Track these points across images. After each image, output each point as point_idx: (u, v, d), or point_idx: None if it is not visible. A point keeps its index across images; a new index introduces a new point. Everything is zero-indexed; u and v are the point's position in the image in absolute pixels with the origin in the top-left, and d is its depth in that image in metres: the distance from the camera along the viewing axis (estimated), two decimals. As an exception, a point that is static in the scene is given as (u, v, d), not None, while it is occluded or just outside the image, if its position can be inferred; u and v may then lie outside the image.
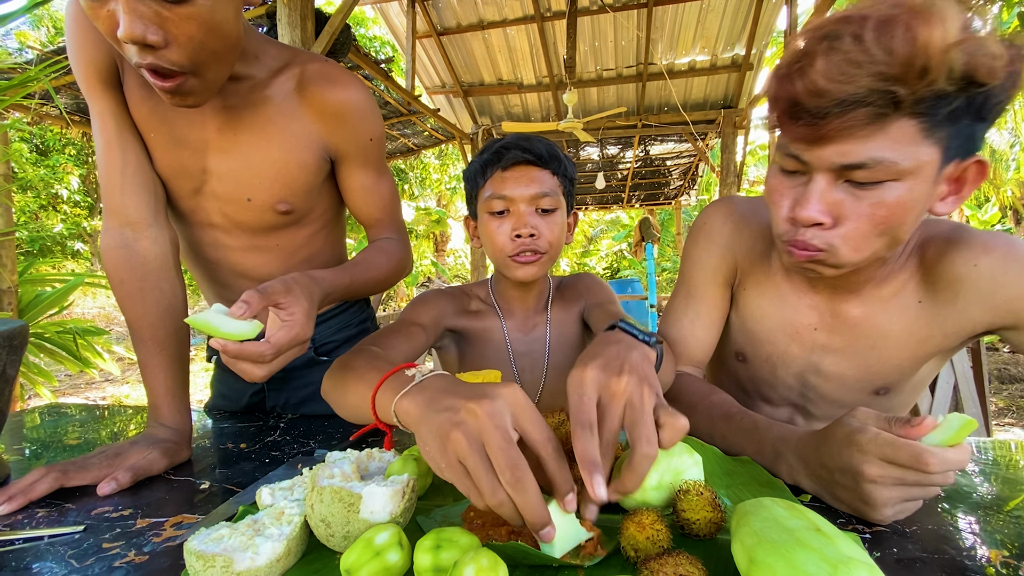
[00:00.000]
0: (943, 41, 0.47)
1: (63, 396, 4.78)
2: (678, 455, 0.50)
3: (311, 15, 2.78)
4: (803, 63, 0.53)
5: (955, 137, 0.53)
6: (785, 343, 0.78)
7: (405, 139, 6.15)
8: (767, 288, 0.78)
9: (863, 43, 0.49)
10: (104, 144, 0.73)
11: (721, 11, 4.80)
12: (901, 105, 0.50)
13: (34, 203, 9.46)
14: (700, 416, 0.72)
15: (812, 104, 0.52)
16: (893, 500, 0.48)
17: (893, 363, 0.71)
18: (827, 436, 0.53)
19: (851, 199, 0.56)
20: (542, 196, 0.89)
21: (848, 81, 0.50)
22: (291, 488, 0.52)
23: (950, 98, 0.50)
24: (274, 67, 0.78)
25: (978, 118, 0.53)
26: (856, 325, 0.72)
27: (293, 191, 0.82)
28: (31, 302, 3.49)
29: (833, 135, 0.53)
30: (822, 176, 0.56)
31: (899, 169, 0.53)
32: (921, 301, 0.68)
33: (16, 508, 0.58)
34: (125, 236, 0.75)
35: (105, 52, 0.71)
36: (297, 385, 1.00)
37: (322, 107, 0.79)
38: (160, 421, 0.74)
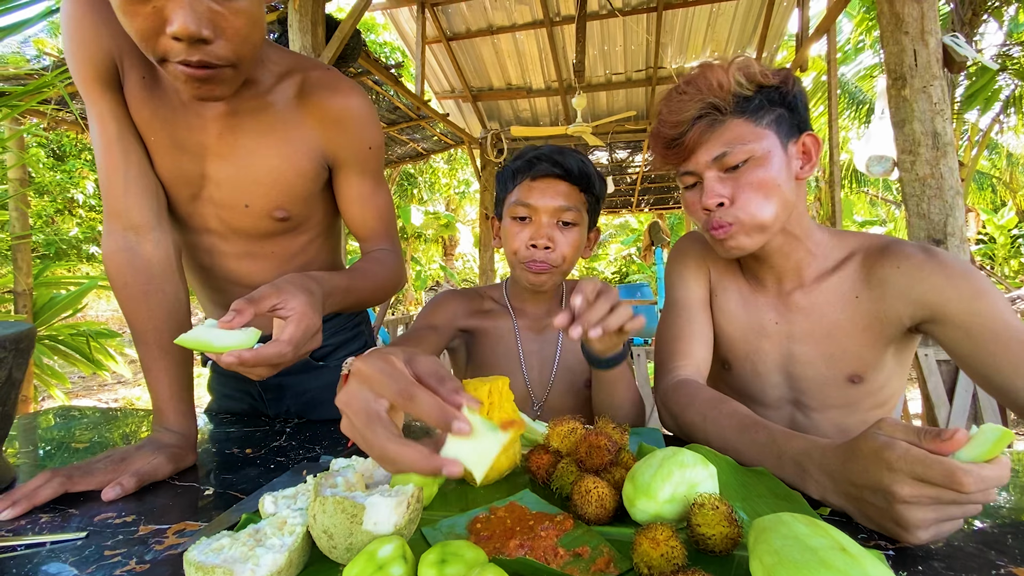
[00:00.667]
0: (723, 70, 0.75)
1: (76, 398, 4.84)
2: (692, 466, 0.48)
3: (322, 21, 2.80)
4: (659, 117, 0.80)
5: (779, 123, 0.76)
6: (756, 340, 0.89)
7: (414, 144, 6.17)
8: (733, 293, 0.92)
9: (682, 92, 0.77)
10: (104, 146, 0.72)
11: (731, 15, 4.78)
12: (724, 110, 0.75)
13: (51, 207, 9.61)
14: (711, 427, 0.70)
15: (673, 133, 0.78)
16: (929, 521, 0.45)
17: (852, 351, 0.82)
18: (853, 450, 0.51)
19: (734, 181, 0.76)
20: (564, 210, 0.92)
21: (685, 110, 0.76)
22: (295, 496, 0.51)
23: (753, 97, 0.75)
24: (277, 73, 0.77)
25: (786, 107, 0.76)
26: (808, 315, 0.85)
27: (291, 198, 0.81)
28: (45, 304, 3.54)
29: (695, 144, 0.77)
30: (708, 174, 0.77)
31: (749, 148, 0.74)
32: (858, 296, 0.82)
33: (20, 513, 0.57)
34: (128, 239, 0.74)
35: (105, 52, 0.69)
36: (295, 392, 0.99)
37: (323, 114, 0.79)
38: (165, 425, 0.73)
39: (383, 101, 4.78)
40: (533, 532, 0.45)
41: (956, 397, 1.76)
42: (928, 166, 2.02)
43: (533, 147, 0.96)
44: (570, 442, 0.59)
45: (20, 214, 3.16)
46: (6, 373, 0.63)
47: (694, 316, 0.91)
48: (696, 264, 0.94)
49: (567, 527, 0.48)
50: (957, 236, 2.02)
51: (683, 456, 0.49)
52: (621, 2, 4.74)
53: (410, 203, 11.92)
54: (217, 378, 1.04)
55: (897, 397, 0.89)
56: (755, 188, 0.75)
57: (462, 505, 0.55)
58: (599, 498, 0.49)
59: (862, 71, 7.90)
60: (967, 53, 2.05)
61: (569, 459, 0.57)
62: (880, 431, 0.49)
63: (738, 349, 0.91)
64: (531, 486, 0.61)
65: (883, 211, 11.59)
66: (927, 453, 0.44)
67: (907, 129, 2.06)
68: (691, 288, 0.93)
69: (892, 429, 0.48)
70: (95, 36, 0.68)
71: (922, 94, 2.01)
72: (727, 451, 0.66)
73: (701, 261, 0.95)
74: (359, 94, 0.82)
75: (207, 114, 0.74)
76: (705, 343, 0.90)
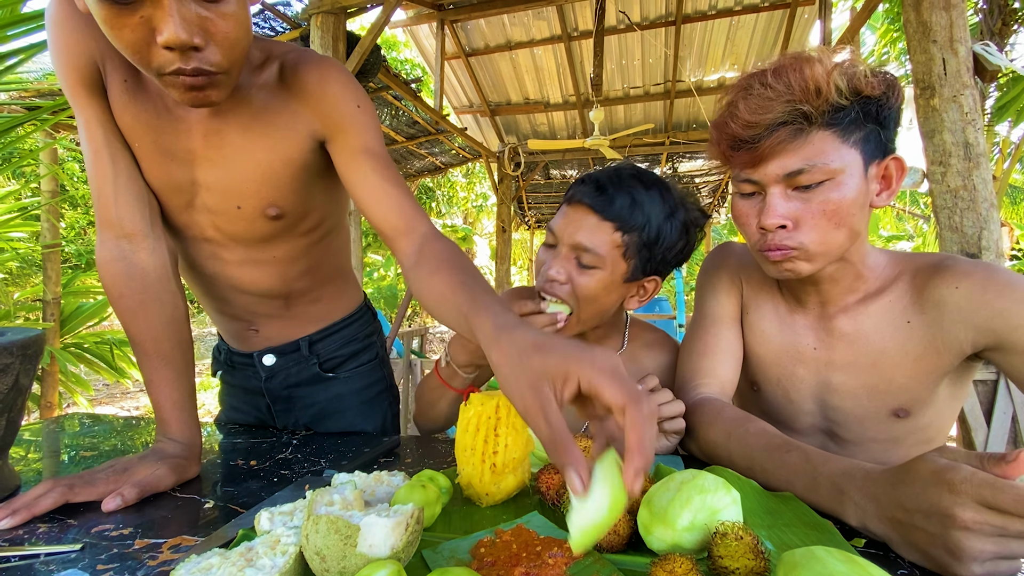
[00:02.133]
0: (824, 70, 0.64)
1: (99, 405, 4.93)
2: (713, 491, 0.44)
3: (343, 37, 2.85)
4: (731, 110, 0.69)
5: (867, 141, 0.66)
6: (791, 365, 0.82)
7: (433, 158, 6.24)
8: (767, 311, 0.85)
9: (768, 85, 0.66)
10: (93, 153, 0.71)
11: (751, 28, 4.74)
12: (813, 119, 0.65)
13: (83, 219, 9.94)
14: (736, 445, 0.65)
15: (747, 134, 0.67)
16: (987, 554, 0.41)
17: (899, 383, 0.74)
18: (908, 473, 0.46)
19: (802, 203, 0.68)
20: (583, 250, 0.79)
21: (767, 111, 0.65)
22: (291, 513, 0.49)
23: (848, 109, 0.65)
24: (253, 65, 0.74)
25: (879, 124, 0.66)
26: (852, 341, 0.77)
27: (281, 192, 0.77)
28: (72, 313, 3.63)
29: (770, 153, 0.67)
30: (774, 188, 0.68)
31: (831, 169, 0.65)
32: (910, 321, 0.74)
33: (19, 523, 0.56)
34: (122, 248, 0.73)
35: (87, 57, 0.68)
36: (304, 404, 0.97)
37: (302, 88, 0.74)
38: (169, 435, 0.72)
39: (402, 116, 4.85)
40: (540, 559, 0.42)
41: (994, 419, 1.66)
42: (960, 177, 1.94)
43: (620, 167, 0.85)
44: (582, 461, 0.55)
45: (51, 225, 3.25)
46: (13, 379, 0.62)
47: (723, 333, 0.85)
48: (729, 278, 0.88)
49: (577, 555, 0.44)
50: (992, 250, 1.93)
51: (704, 480, 0.45)
52: (639, 16, 4.75)
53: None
54: (226, 388, 1.03)
55: (944, 435, 0.81)
56: (825, 215, 0.66)
57: (466, 527, 0.52)
58: (612, 523, 0.46)
59: (887, 83, 7.75)
60: (999, 62, 1.98)
61: (581, 480, 0.53)
62: (940, 455, 0.45)
63: (769, 372, 0.84)
64: (540, 507, 0.57)
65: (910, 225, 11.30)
66: (996, 477, 0.40)
67: (937, 140, 1.99)
68: (722, 303, 0.87)
69: (953, 453, 0.44)
70: (77, 40, 0.67)
71: (952, 104, 1.94)
72: (753, 471, 0.62)
73: (735, 275, 0.88)
74: (334, 63, 0.77)
75: (191, 118, 0.72)
76: (733, 362, 0.84)
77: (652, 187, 0.82)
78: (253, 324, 0.92)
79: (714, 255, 0.93)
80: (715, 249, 0.94)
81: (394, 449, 0.82)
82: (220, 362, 1.01)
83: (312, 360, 0.95)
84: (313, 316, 0.94)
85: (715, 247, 0.95)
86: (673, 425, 0.73)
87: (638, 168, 0.85)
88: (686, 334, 0.90)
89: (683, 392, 0.82)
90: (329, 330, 0.96)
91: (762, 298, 0.85)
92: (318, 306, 0.94)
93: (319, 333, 0.95)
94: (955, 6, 1.96)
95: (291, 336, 0.93)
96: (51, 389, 3.30)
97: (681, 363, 0.87)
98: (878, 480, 0.50)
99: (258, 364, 0.94)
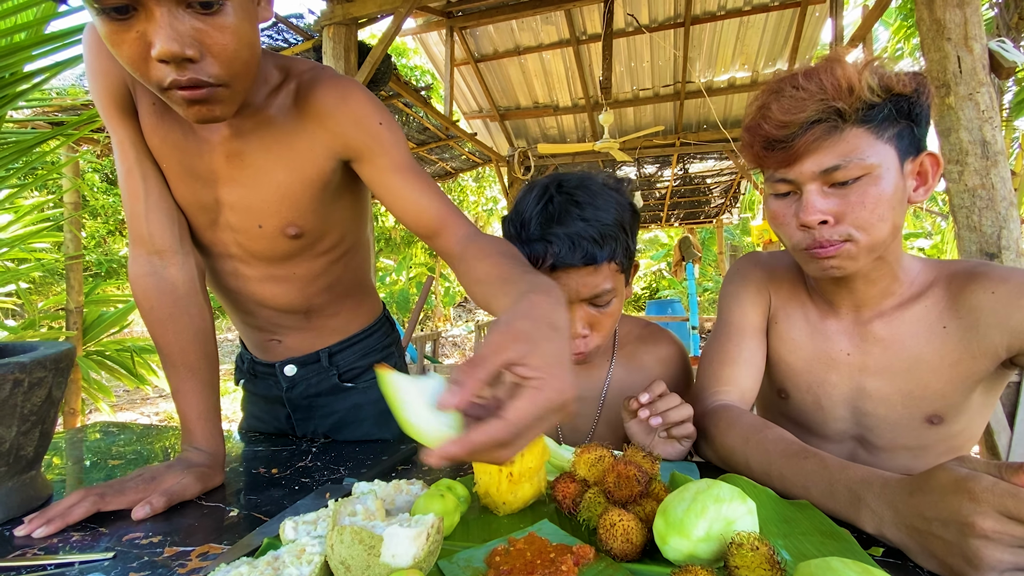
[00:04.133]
0: (855, 69, 0.65)
1: (120, 411, 5.03)
2: (728, 501, 0.45)
3: (354, 47, 2.89)
4: (763, 111, 0.69)
5: (901, 138, 0.67)
6: (823, 372, 0.81)
7: (443, 163, 6.28)
8: (797, 319, 0.84)
9: (800, 87, 0.67)
10: (125, 172, 0.74)
11: (761, 27, 4.71)
12: (847, 117, 0.65)
13: (103, 228, 10.17)
14: (754, 451, 0.66)
15: (780, 134, 0.67)
16: (1005, 564, 0.41)
17: (934, 388, 0.74)
18: (927, 481, 0.47)
19: (840, 199, 0.67)
20: (596, 296, 0.80)
21: (800, 110, 0.66)
22: (315, 523, 0.50)
23: (881, 105, 0.65)
24: (272, 85, 0.75)
25: (912, 120, 0.67)
26: (887, 347, 0.77)
27: (300, 212, 0.78)
28: (94, 321, 3.71)
29: (804, 151, 0.67)
30: (811, 186, 0.68)
31: (867, 164, 0.65)
32: (946, 327, 0.74)
33: (53, 531, 0.59)
34: (153, 264, 0.76)
35: (120, 81, 0.71)
36: (324, 414, 0.99)
37: (321, 109, 0.74)
38: (194, 445, 0.74)
39: (413, 123, 4.90)
40: (555, 566, 0.43)
41: (1017, 422, 1.63)
42: (978, 176, 1.91)
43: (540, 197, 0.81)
44: (598, 471, 0.56)
45: (73, 236, 3.34)
46: (46, 392, 0.65)
47: (745, 343, 0.84)
48: (756, 289, 0.87)
49: (588, 558, 0.45)
50: (1012, 249, 1.90)
51: (719, 490, 0.46)
52: (648, 18, 4.75)
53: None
54: (248, 396, 1.06)
55: (973, 443, 0.81)
56: (866, 208, 0.66)
57: (484, 535, 0.53)
58: (625, 532, 0.46)
59: (901, 79, 7.64)
60: (1015, 58, 1.94)
61: (596, 489, 0.54)
62: (960, 463, 0.45)
63: (799, 379, 0.84)
64: (557, 516, 0.58)
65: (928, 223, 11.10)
66: (1018, 487, 0.40)
67: (953, 138, 1.96)
68: (747, 313, 0.86)
69: (972, 463, 0.45)
70: (111, 65, 0.70)
71: (968, 101, 1.91)
72: (770, 478, 0.62)
73: (762, 286, 0.87)
74: (352, 82, 0.77)
75: (213, 139, 0.74)
76: (754, 373, 0.84)
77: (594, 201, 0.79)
78: (276, 335, 0.94)
79: (740, 264, 0.93)
80: (742, 258, 0.94)
81: (411, 457, 0.83)
82: (243, 371, 1.03)
83: (331, 371, 0.97)
84: (333, 328, 0.96)
85: (741, 256, 0.95)
86: (682, 430, 0.74)
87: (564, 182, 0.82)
88: (708, 341, 0.89)
89: (702, 398, 0.82)
90: (348, 342, 0.98)
91: (792, 307, 0.85)
92: (338, 319, 0.96)
93: (338, 345, 0.97)
94: (969, 3, 1.94)
95: (312, 347, 0.96)
96: (74, 396, 3.38)
97: (701, 370, 0.87)
98: (896, 488, 0.50)
99: (279, 374, 0.96)
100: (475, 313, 13.87)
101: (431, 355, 4.68)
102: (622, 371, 0.94)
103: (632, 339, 0.98)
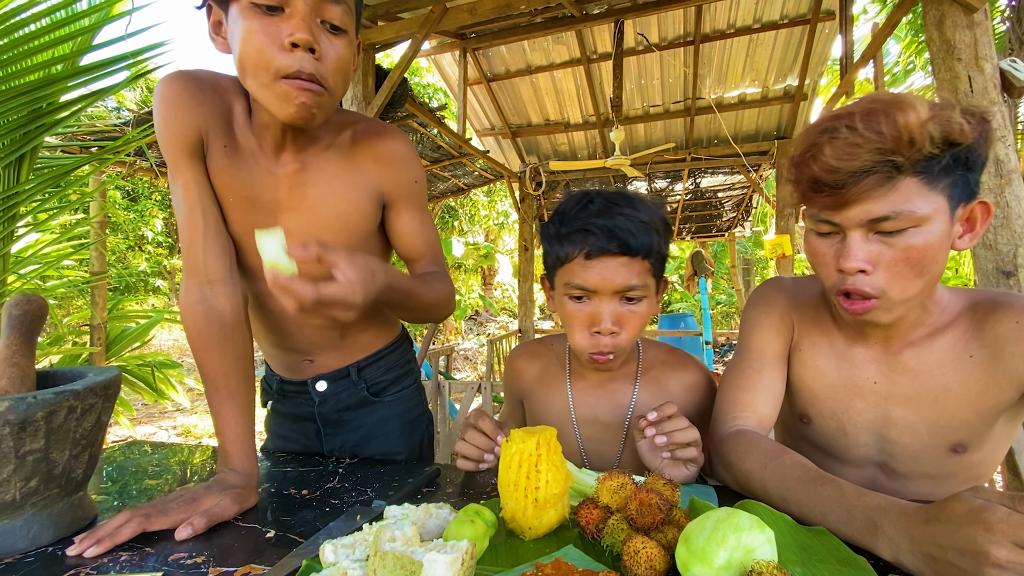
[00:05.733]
0: (918, 119, 0.61)
1: (139, 425, 5.12)
2: (748, 530, 0.47)
3: (372, 71, 2.98)
4: (813, 151, 0.66)
5: (955, 186, 0.64)
6: (848, 399, 0.81)
7: (456, 180, 6.38)
8: (823, 347, 0.83)
9: (856, 130, 0.63)
10: (187, 210, 0.80)
11: (771, 44, 4.75)
12: (902, 168, 0.63)
13: (123, 244, 10.42)
14: (771, 476, 0.67)
15: (830, 179, 0.65)
16: None
17: (960, 417, 0.74)
18: (943, 510, 0.49)
19: (884, 247, 0.66)
20: (629, 289, 0.81)
21: (854, 158, 0.63)
22: (352, 546, 0.53)
23: (939, 157, 0.62)
24: (333, 129, 0.87)
25: (968, 168, 0.64)
26: (915, 376, 0.76)
27: (356, 239, 0.90)
28: (117, 336, 3.80)
29: (854, 199, 0.65)
30: (855, 232, 0.67)
31: (917, 216, 0.64)
32: (972, 356, 0.74)
33: (103, 551, 0.62)
34: (204, 293, 0.81)
35: (194, 128, 0.79)
36: (352, 427, 1.03)
37: (376, 156, 0.88)
38: (230, 466, 0.77)
39: (427, 141, 4.99)
40: (584, 593, 0.45)
41: (1040, 444, 1.61)
42: (992, 195, 1.91)
43: (581, 199, 0.85)
44: (620, 498, 0.59)
45: (99, 255, 3.44)
46: (95, 417, 0.69)
47: (765, 370, 0.85)
48: (780, 317, 0.87)
49: None
50: (1030, 268, 1.89)
51: (739, 519, 0.48)
52: (658, 37, 4.82)
53: (451, 235, 12.21)
54: (275, 417, 1.09)
55: (992, 471, 0.82)
56: (909, 263, 0.65)
57: (511, 560, 0.56)
58: (648, 559, 0.49)
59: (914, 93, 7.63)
60: (1027, 77, 1.96)
61: (619, 516, 0.57)
62: (975, 494, 0.47)
63: (823, 405, 0.83)
64: (581, 540, 0.60)
65: (945, 235, 10.94)
66: None
67: (966, 157, 1.97)
68: (770, 341, 0.86)
69: (987, 494, 0.47)
70: (187, 114, 0.78)
71: (981, 121, 1.93)
72: (787, 503, 0.64)
73: (785, 314, 0.87)
74: (403, 136, 0.92)
75: (279, 172, 0.83)
76: (773, 400, 0.84)
77: (634, 203, 0.83)
78: (309, 355, 1.00)
79: (764, 290, 0.92)
80: (765, 284, 0.94)
81: (435, 479, 0.86)
82: (271, 392, 1.07)
83: (360, 385, 1.02)
84: (363, 344, 1.03)
85: (764, 282, 0.94)
86: (685, 453, 0.75)
87: (604, 190, 0.87)
88: (728, 367, 0.90)
89: (720, 424, 0.83)
90: (375, 356, 1.04)
91: (816, 335, 0.84)
92: (367, 335, 1.02)
93: (366, 360, 1.03)
94: (979, 24, 1.96)
95: (342, 363, 1.01)
96: (97, 411, 3.44)
97: (721, 395, 0.87)
98: (913, 516, 0.52)
99: (312, 390, 1.01)
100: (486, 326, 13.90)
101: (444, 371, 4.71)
102: (647, 395, 0.94)
103: (658, 364, 0.97)
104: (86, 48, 1.71)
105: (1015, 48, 3.45)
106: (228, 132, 0.81)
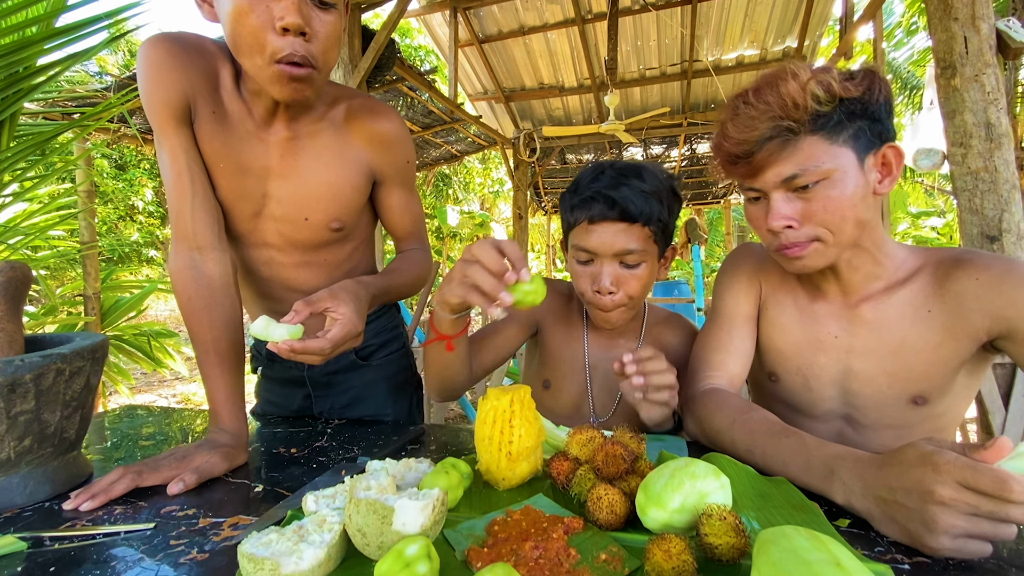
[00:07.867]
0: (798, 84, 0.68)
1: (138, 393, 5.19)
2: (703, 477, 0.50)
3: (358, 33, 2.90)
4: (722, 130, 0.75)
5: (858, 137, 0.70)
6: (811, 354, 0.85)
7: (448, 146, 6.28)
8: (787, 306, 0.88)
9: (751, 104, 0.71)
10: (175, 176, 0.80)
11: (771, 3, 4.62)
12: (798, 130, 0.69)
13: (114, 214, 10.30)
14: (739, 433, 0.71)
15: (739, 150, 0.73)
16: (958, 529, 0.46)
17: (919, 370, 0.78)
18: (896, 456, 0.52)
19: (804, 202, 0.72)
20: (626, 253, 0.88)
21: (753, 129, 0.71)
22: (333, 496, 0.56)
23: (831, 113, 0.68)
24: (327, 101, 0.88)
25: (869, 119, 0.69)
26: (874, 329, 0.80)
27: (347, 210, 0.91)
28: (112, 307, 3.81)
29: (764, 164, 0.72)
30: (775, 193, 0.73)
31: (824, 170, 0.69)
32: (931, 311, 0.77)
33: (98, 505, 0.65)
34: (193, 258, 0.82)
35: (181, 93, 0.78)
36: (341, 390, 1.07)
37: (369, 135, 0.90)
38: (220, 426, 0.80)
39: (417, 106, 4.89)
40: (547, 535, 0.48)
41: (1012, 402, 1.67)
42: (981, 159, 1.91)
43: (595, 170, 0.92)
44: (588, 450, 0.62)
45: (88, 224, 3.41)
46: (84, 380, 0.71)
47: (735, 331, 0.89)
48: (748, 278, 0.92)
49: (576, 528, 0.51)
50: (1013, 233, 1.91)
51: (695, 467, 0.51)
52: (654, -4, 4.67)
53: (445, 203, 12.10)
54: (264, 383, 1.12)
55: (957, 423, 0.85)
56: (828, 211, 0.71)
57: (484, 508, 0.59)
58: (610, 504, 0.52)
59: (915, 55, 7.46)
60: (1023, 38, 1.93)
61: (587, 467, 0.60)
62: (929, 442, 0.50)
63: (789, 362, 0.87)
64: (552, 491, 0.64)
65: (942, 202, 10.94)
66: (977, 461, 0.46)
67: (957, 120, 1.96)
68: (739, 302, 0.91)
69: (939, 443, 0.50)
70: (173, 78, 0.77)
71: (974, 83, 1.90)
72: (752, 455, 0.67)
73: (753, 276, 0.92)
74: (396, 116, 0.93)
75: (270, 139, 0.84)
76: (742, 360, 0.88)
77: (641, 174, 0.90)
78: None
79: (734, 255, 0.97)
80: (735, 250, 0.99)
81: (419, 437, 0.89)
82: (261, 358, 1.10)
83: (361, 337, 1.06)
84: None
85: (735, 248, 1.00)
86: (659, 396, 0.76)
87: (617, 163, 0.93)
88: (702, 328, 0.94)
89: (693, 382, 0.87)
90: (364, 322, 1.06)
91: (781, 294, 0.89)
92: None
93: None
94: (978, -18, 1.91)
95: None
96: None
97: (694, 355, 0.92)
98: (867, 463, 0.55)
99: None
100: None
101: (439, 338, 4.76)
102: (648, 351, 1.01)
103: (659, 323, 1.07)
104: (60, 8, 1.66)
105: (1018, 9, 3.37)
106: (215, 97, 0.80)
